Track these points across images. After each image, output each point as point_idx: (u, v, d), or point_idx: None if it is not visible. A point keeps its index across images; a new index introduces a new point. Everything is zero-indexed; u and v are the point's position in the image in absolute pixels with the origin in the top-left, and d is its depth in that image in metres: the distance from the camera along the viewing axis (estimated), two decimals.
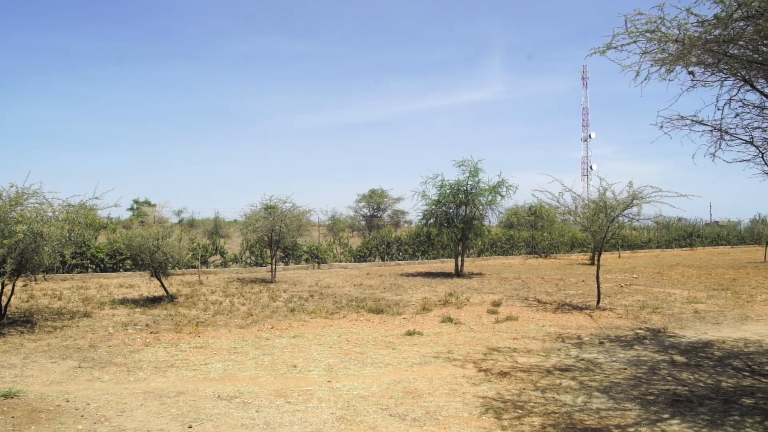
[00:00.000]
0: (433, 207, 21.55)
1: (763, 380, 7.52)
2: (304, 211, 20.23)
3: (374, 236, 30.75)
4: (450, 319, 11.49)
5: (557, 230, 33.65)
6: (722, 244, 50.50)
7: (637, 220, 14.03)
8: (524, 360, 8.39)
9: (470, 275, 21.43)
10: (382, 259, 27.56)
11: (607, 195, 13.28)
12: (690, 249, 45.56)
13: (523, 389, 6.86)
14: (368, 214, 46.01)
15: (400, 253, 28.36)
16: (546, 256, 33.80)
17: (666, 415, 6.01)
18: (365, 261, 27.02)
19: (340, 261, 26.31)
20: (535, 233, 34.75)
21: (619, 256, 34.60)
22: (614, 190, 13.23)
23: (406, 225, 47.84)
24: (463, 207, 21.39)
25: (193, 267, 20.93)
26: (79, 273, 19.75)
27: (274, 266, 19.44)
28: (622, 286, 18.11)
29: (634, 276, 21.81)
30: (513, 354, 8.78)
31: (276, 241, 19.08)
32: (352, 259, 26.80)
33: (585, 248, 34.97)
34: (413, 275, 21.45)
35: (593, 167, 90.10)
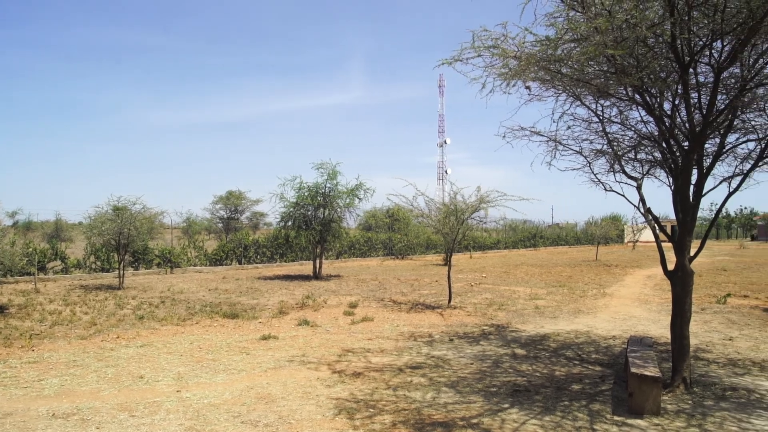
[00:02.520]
0: (292, 209, 21.42)
1: (590, 367, 8.28)
2: (156, 213, 19.29)
3: (231, 239, 29.99)
4: (306, 322, 11.48)
5: (413, 232, 34.80)
6: (562, 245, 54.86)
7: (485, 223, 14.86)
8: (378, 360, 8.58)
9: (328, 277, 21.55)
10: (240, 263, 26.92)
11: (458, 199, 13.97)
12: (534, 249, 48.99)
13: (376, 388, 7.02)
14: (226, 216, 44.75)
15: (258, 256, 27.86)
16: (403, 258, 34.82)
17: (506, 405, 6.43)
18: (222, 265, 26.24)
19: (195, 265, 25.33)
20: (392, 235, 35.68)
21: (471, 257, 36.46)
22: (464, 194, 13.96)
23: (265, 227, 47.11)
24: (322, 209, 21.48)
25: (29, 274, 19.19)
26: None
27: (122, 272, 18.30)
28: (472, 285, 19.10)
29: (484, 275, 23.09)
30: (367, 354, 8.95)
31: (124, 244, 17.97)
32: (208, 263, 25.91)
33: (439, 249, 36.44)
34: (271, 278, 21.18)
35: (448, 171, 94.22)
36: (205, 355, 8.86)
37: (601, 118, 8.23)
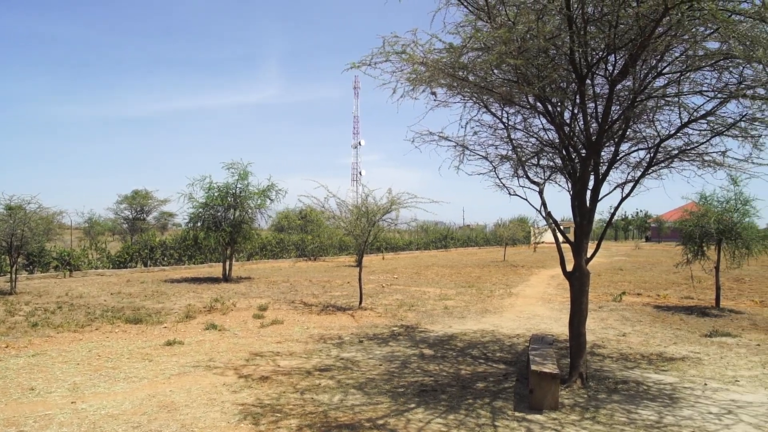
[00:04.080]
0: (201, 210, 20.82)
1: (495, 366, 8.55)
2: (55, 213, 18.27)
3: (137, 240, 28.78)
4: (214, 326, 11.20)
5: (326, 233, 34.73)
6: (472, 246, 56.33)
7: (396, 224, 15.03)
8: (286, 363, 8.50)
9: (239, 279, 21.12)
10: (145, 265, 25.90)
11: (369, 201, 14.06)
12: (445, 250, 50.01)
13: (283, 392, 6.94)
14: (131, 216, 42.95)
15: (166, 258, 26.89)
16: (315, 259, 34.65)
17: (412, 405, 6.53)
18: (126, 267, 25.12)
19: (97, 268, 24.12)
20: (305, 236, 35.44)
21: (383, 258, 36.76)
22: (375, 196, 14.08)
23: (174, 228, 45.57)
24: (232, 210, 21.02)
25: None
26: None
27: (14, 275, 17.14)
28: (383, 287, 19.26)
29: (395, 276, 23.34)
30: (276, 358, 8.84)
31: (17, 246, 16.84)
32: (111, 266, 24.73)
33: (352, 251, 36.52)
34: (178, 281, 20.51)
35: (362, 173, 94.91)
36: (104, 363, 8.46)
37: (506, 124, 8.53)
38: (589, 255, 7.91)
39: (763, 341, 10.53)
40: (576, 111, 7.74)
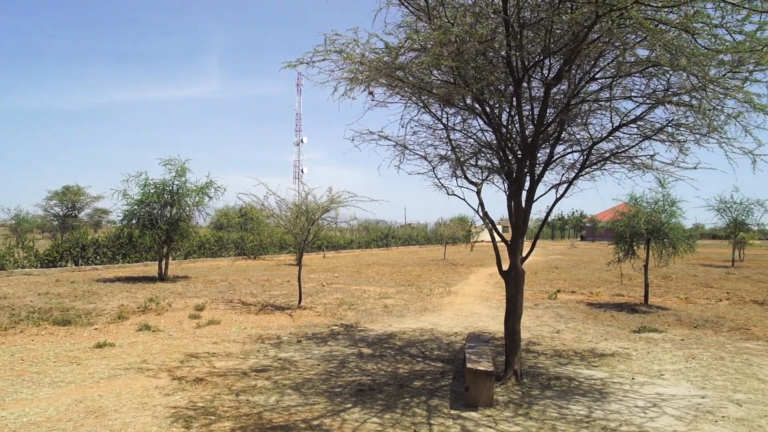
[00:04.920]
0: (136, 207, 20.20)
1: (432, 364, 8.63)
2: None
3: (68, 238, 27.66)
4: (148, 327, 10.88)
5: (266, 232, 34.30)
6: (413, 244, 56.79)
7: (336, 223, 14.98)
8: (222, 364, 8.33)
9: (175, 279, 20.61)
10: (77, 264, 24.93)
11: (309, 199, 13.97)
12: (386, 249, 50.24)
13: (218, 394, 6.81)
14: (62, 213, 41.29)
15: (98, 257, 25.94)
16: (255, 257, 34.19)
17: (349, 405, 6.51)
18: (56, 266, 24.11)
19: (24, 267, 23.06)
20: (244, 234, 34.91)
21: (324, 257, 36.62)
22: (315, 194, 14.00)
23: (109, 225, 44.09)
24: (169, 207, 20.50)
25: None
26: None
27: None
28: (324, 285, 19.17)
29: (336, 275, 23.27)
30: (211, 359, 8.66)
31: None
32: (39, 265, 23.68)
33: (293, 249, 36.20)
34: (112, 280, 19.84)
35: (304, 171, 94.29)
36: (28, 367, 8.08)
37: (445, 125, 8.62)
38: (524, 254, 8.08)
39: (686, 336, 11.01)
40: (513, 113, 7.89)
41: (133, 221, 20.51)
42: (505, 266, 8.04)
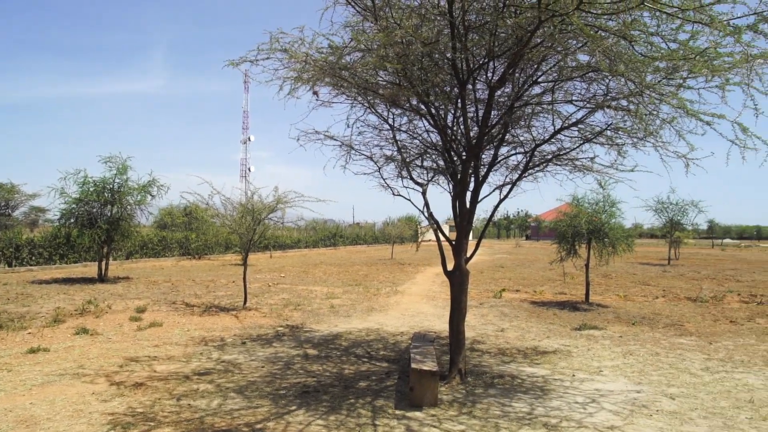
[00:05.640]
0: (74, 205, 19.52)
1: (378, 364, 8.63)
2: None
3: (0, 238, 26.49)
4: (86, 330, 10.51)
5: (211, 231, 33.71)
6: (361, 244, 56.78)
7: (282, 223, 14.84)
8: (163, 368, 8.13)
9: (116, 280, 20.02)
10: (10, 265, 23.91)
11: (255, 199, 13.78)
12: (334, 248, 50.08)
13: (158, 399, 6.63)
14: None
15: (34, 258, 24.93)
16: (200, 257, 33.57)
17: (293, 407, 6.45)
18: None
19: None
20: (189, 234, 34.20)
21: (271, 256, 36.24)
22: (261, 194, 13.83)
23: (46, 224, 42.44)
24: (110, 206, 19.90)
25: None
26: None
27: None
28: (270, 286, 18.96)
29: (282, 275, 23.06)
30: (152, 363, 8.43)
31: None
32: None
33: (239, 249, 35.64)
34: (48, 282, 19.11)
35: (252, 169, 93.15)
36: None
37: (391, 126, 8.63)
38: (468, 254, 8.17)
39: (624, 333, 11.36)
40: (458, 115, 7.97)
41: (72, 220, 19.83)
42: (450, 266, 8.12)
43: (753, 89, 5.65)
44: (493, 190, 8.98)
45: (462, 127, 7.89)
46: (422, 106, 7.73)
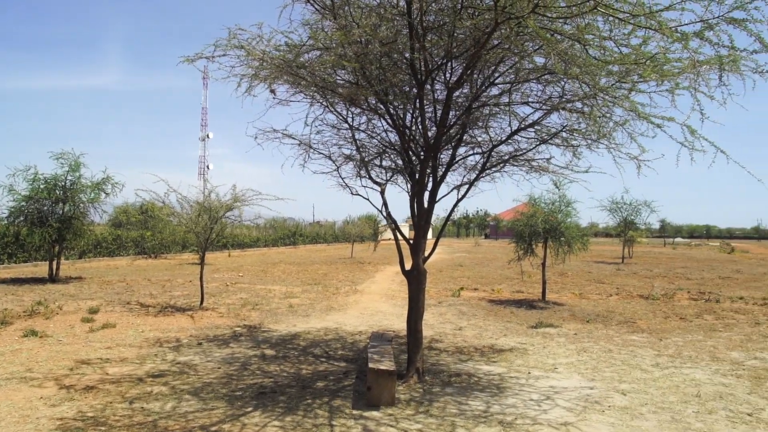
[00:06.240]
0: (23, 203, 18.93)
1: (336, 364, 8.61)
2: None
3: None
4: (35, 333, 10.19)
5: (168, 229, 33.10)
6: (321, 242, 56.58)
7: (240, 221, 14.67)
8: (116, 370, 7.94)
9: (68, 280, 19.49)
10: None
11: (212, 197, 13.59)
12: (294, 247, 49.77)
13: (110, 403, 6.47)
14: None
15: None
16: (156, 257, 32.94)
17: (249, 409, 6.38)
18: None
19: None
20: (145, 233, 33.52)
21: (229, 255, 35.80)
22: (219, 192, 13.65)
23: None
24: (61, 204, 19.36)
25: None
26: None
27: None
28: (228, 285, 18.73)
29: (240, 274, 22.81)
30: (104, 365, 8.23)
31: None
32: None
33: (196, 248, 35.11)
34: None
35: (210, 167, 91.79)
36: None
37: (350, 125, 8.61)
38: (427, 254, 8.21)
39: (579, 330, 11.59)
40: (416, 115, 8.00)
41: (21, 218, 19.24)
42: (408, 265, 8.14)
43: (700, 93, 5.82)
44: (451, 190, 9.04)
45: (420, 127, 7.92)
46: (381, 106, 7.73)
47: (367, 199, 9.03)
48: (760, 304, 15.82)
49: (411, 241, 8.17)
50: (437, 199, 8.20)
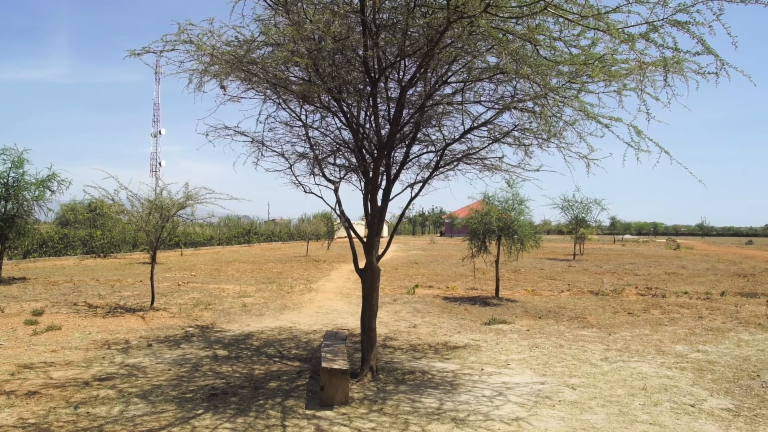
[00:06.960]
0: None
1: (289, 363, 8.53)
2: None
3: None
4: None
5: (118, 228, 32.23)
6: (276, 241, 56.05)
7: (192, 220, 14.39)
8: (61, 374, 7.68)
9: (11, 281, 18.78)
10: None
11: (164, 195, 13.30)
12: (248, 245, 49.17)
13: (53, 408, 6.25)
14: None
15: None
16: (106, 256, 32.09)
17: (200, 411, 6.25)
18: None
19: None
20: (94, 231, 32.60)
21: (182, 254, 35.15)
22: (171, 190, 13.36)
23: None
24: (3, 202, 18.63)
25: None
26: None
27: None
28: (180, 285, 18.37)
29: (193, 274, 22.41)
30: (48, 369, 7.95)
31: None
32: None
33: (147, 247, 34.30)
34: None
35: (163, 164, 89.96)
36: None
37: (303, 122, 8.53)
38: (381, 252, 8.20)
39: (531, 326, 11.78)
40: (369, 113, 7.98)
41: None
42: (362, 264, 8.12)
43: (646, 95, 5.96)
44: (405, 188, 9.06)
45: (374, 125, 7.90)
46: (334, 104, 7.68)
47: (321, 197, 8.97)
48: (703, 298, 16.38)
49: (365, 240, 8.16)
50: (391, 197, 8.21)
